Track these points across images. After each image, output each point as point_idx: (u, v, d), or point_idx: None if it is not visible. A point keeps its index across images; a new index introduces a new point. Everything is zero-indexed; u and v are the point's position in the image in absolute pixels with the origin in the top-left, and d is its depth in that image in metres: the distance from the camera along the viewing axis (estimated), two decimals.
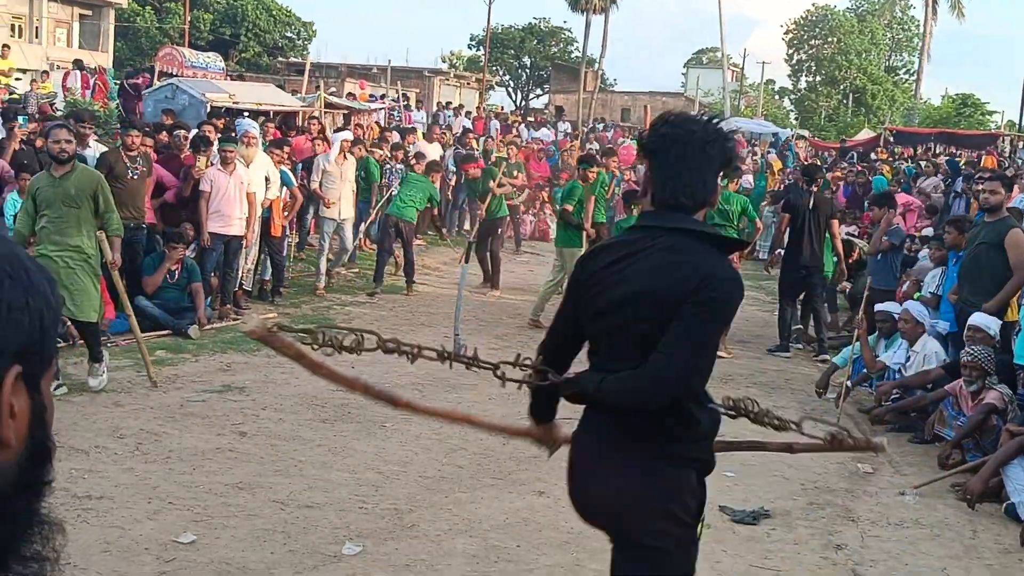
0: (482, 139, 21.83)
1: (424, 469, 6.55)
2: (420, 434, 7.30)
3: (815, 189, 11.30)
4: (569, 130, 31.15)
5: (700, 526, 3.08)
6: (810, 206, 10.80)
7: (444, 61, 68.58)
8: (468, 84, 53.83)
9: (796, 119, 65.51)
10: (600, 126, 35.13)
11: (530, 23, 68.57)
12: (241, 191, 10.72)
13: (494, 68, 65.82)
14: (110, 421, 6.99)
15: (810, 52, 70.08)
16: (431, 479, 6.38)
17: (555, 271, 11.53)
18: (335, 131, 14.71)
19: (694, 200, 2.89)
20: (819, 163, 20.61)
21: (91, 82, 21.15)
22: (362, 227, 14.82)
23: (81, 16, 47.14)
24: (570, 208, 11.39)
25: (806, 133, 44.13)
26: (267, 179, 11.44)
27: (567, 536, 5.57)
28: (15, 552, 1.00)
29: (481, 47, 61.96)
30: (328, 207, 12.87)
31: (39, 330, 0.98)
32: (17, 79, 20.49)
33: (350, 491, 6.02)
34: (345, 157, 13.23)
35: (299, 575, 4.88)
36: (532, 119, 34.76)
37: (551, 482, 6.42)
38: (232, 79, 26.07)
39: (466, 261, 10.33)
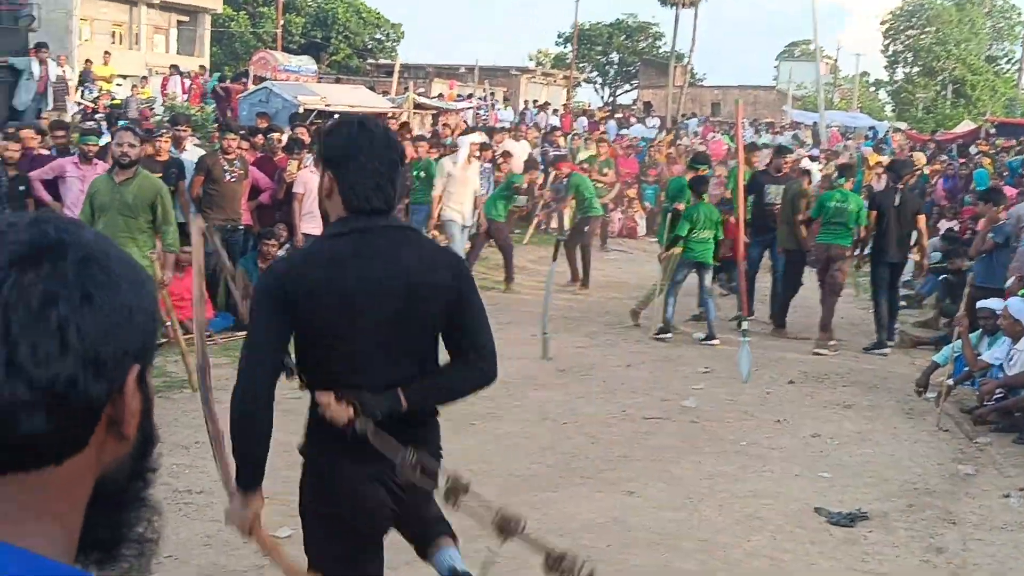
0: (569, 136, 21.80)
1: (513, 467, 6.56)
2: (509, 432, 7.32)
3: (902, 186, 11.07)
4: (657, 125, 30.89)
5: None
6: (896, 203, 10.58)
7: (531, 59, 68.74)
8: (555, 81, 53.82)
9: (893, 111, 63.98)
10: (691, 122, 34.78)
11: (618, 19, 68.26)
12: None
13: (581, 65, 65.68)
14: None
15: (907, 43, 68.31)
16: (519, 478, 6.39)
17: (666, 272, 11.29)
18: (461, 134, 14.43)
19: (389, 204, 3.00)
20: (915, 157, 20.09)
21: (187, 86, 21.72)
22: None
23: (178, 22, 48.37)
24: (681, 207, 11.25)
25: (903, 125, 43.04)
26: None
27: (658, 536, 5.54)
28: (126, 538, 1.07)
29: (568, 44, 61.88)
30: (436, 212, 12.53)
31: (151, 328, 1.02)
32: (118, 84, 21.14)
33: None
34: (470, 161, 12.93)
35: (394, 570, 4.90)
36: (620, 115, 34.61)
37: (642, 482, 6.39)
38: (329, 82, 26.53)
39: (554, 259, 10.31)
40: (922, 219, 10.91)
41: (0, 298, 0.91)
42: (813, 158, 19.77)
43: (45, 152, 9.70)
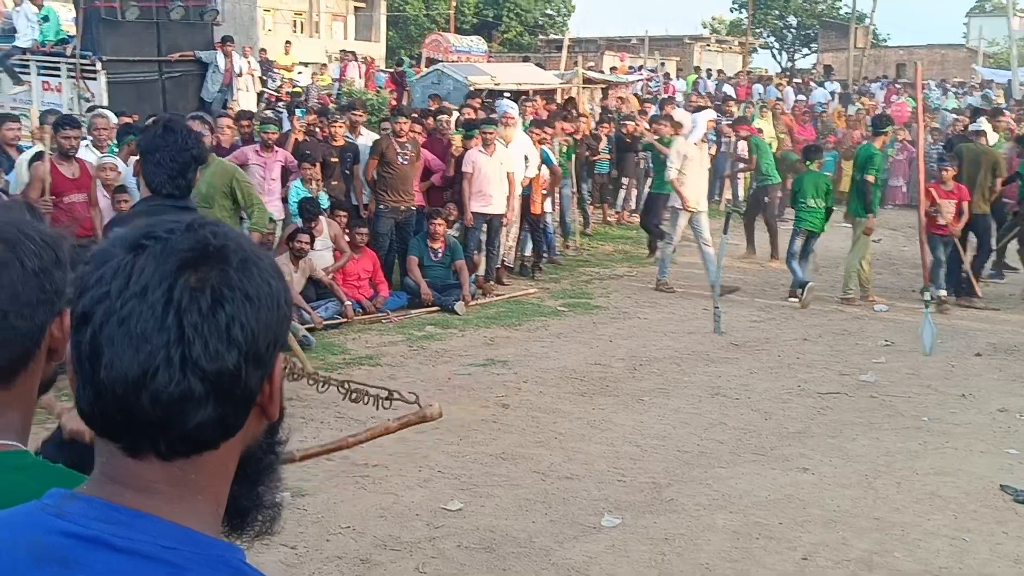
0: (742, 105, 21.28)
1: (683, 443, 6.53)
2: (679, 408, 7.28)
3: None
4: (839, 90, 29.75)
5: None
6: None
7: (705, 27, 67.39)
8: (731, 48, 52.66)
9: None
10: (873, 85, 33.35)
11: None
12: (501, 171, 11.02)
13: (757, 31, 63.95)
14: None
15: None
16: (690, 454, 6.35)
17: (856, 243, 11.03)
18: (694, 110, 13.92)
19: (181, 191, 3.88)
20: None
21: (363, 71, 22.32)
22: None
23: (355, 8, 49.79)
24: (871, 179, 10.90)
25: None
26: (526, 158, 11.70)
27: (833, 514, 5.42)
28: (261, 504, 1.19)
29: (744, 9, 60.33)
30: (687, 206, 11.21)
31: (288, 316, 1.11)
32: (299, 72, 21.95)
33: (609, 464, 6.10)
34: (705, 140, 11.99)
35: (560, 545, 5.01)
36: (799, 80, 33.52)
37: (816, 459, 6.25)
38: (503, 60, 26.73)
39: (725, 232, 10.13)
40: None
41: (173, 301, 1.01)
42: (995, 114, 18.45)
43: (229, 142, 10.16)
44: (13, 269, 1.38)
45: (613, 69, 29.55)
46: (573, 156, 13.59)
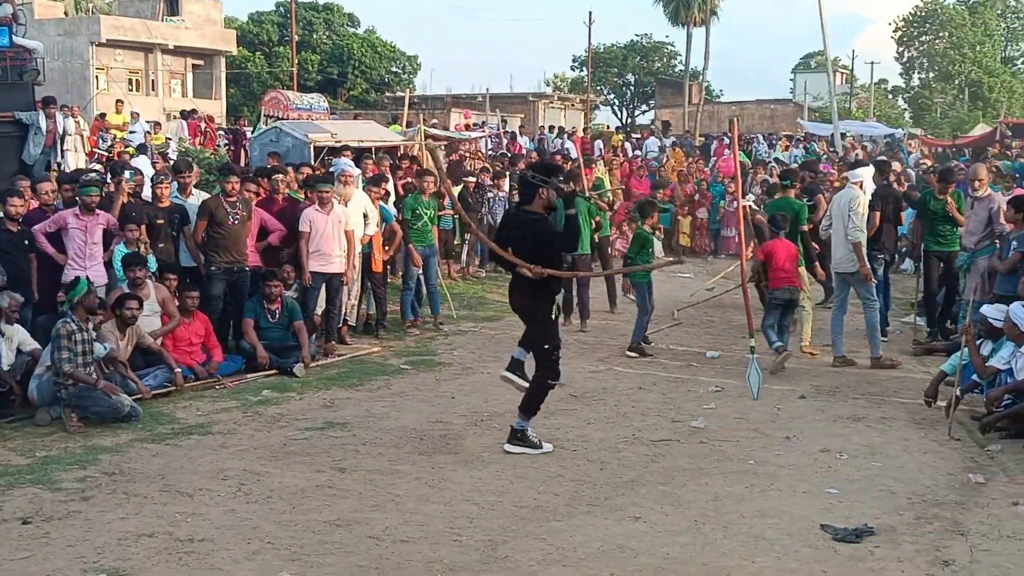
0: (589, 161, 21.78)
1: (519, 498, 6.55)
2: (517, 462, 7.30)
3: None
4: (669, 144, 30.81)
5: None
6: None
7: (548, 84, 69.00)
8: (573, 105, 54.01)
9: (910, 118, 63.61)
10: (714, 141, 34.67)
11: (632, 40, 68.59)
12: (340, 229, 10.96)
13: (598, 88, 65.87)
14: (215, 463, 7.18)
15: (921, 48, 68.04)
16: (526, 508, 6.37)
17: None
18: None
19: None
20: (934, 162, 19.92)
21: (200, 129, 21.95)
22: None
23: (194, 66, 49.01)
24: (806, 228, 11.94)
25: (918, 132, 42.81)
26: (365, 216, 11.67)
27: (663, 562, 5.50)
28: None
29: (584, 68, 62.10)
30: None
31: None
32: (132, 132, 21.39)
33: (445, 524, 6.06)
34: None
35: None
36: (639, 135, 34.56)
37: (648, 507, 6.36)
38: (347, 117, 26.56)
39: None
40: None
41: None
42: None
43: (48, 206, 9.82)
44: None
45: (457, 127, 29.92)
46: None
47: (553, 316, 7.49)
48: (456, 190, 16.33)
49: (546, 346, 7.45)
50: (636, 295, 11.58)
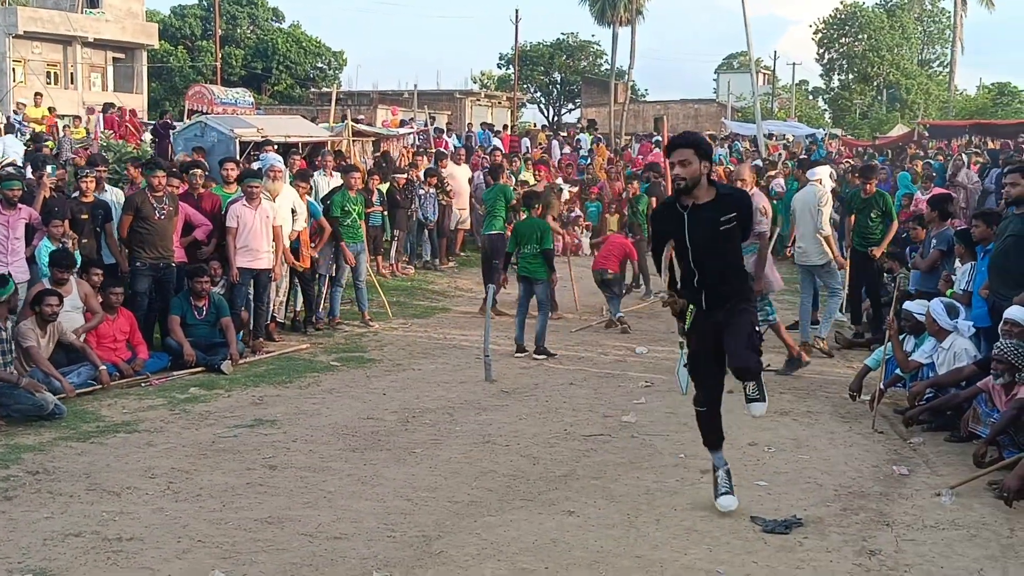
0: (510, 157, 21.84)
1: (453, 494, 6.54)
2: (450, 458, 7.30)
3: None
4: (594, 144, 31.03)
5: None
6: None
7: (475, 82, 68.98)
8: (499, 103, 54.04)
9: (830, 118, 64.95)
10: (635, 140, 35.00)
11: (558, 39, 68.73)
12: (267, 225, 10.82)
13: (525, 86, 66.00)
14: (142, 461, 7.05)
15: (841, 50, 69.48)
16: (460, 504, 6.37)
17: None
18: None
19: None
20: (856, 162, 20.36)
21: (118, 124, 21.50)
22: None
23: (115, 59, 47.99)
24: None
25: (839, 132, 43.72)
26: (293, 211, 11.54)
27: (597, 555, 5.54)
28: None
29: (511, 66, 62.19)
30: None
31: None
32: (56, 118, 20.87)
33: (378, 520, 6.03)
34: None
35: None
36: (565, 134, 34.74)
37: (581, 501, 6.40)
38: (273, 112, 26.29)
39: (491, 282, 10.33)
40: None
41: None
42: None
43: None
44: None
45: (384, 123, 29.72)
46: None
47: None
48: (384, 187, 16.30)
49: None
50: (539, 291, 11.22)
